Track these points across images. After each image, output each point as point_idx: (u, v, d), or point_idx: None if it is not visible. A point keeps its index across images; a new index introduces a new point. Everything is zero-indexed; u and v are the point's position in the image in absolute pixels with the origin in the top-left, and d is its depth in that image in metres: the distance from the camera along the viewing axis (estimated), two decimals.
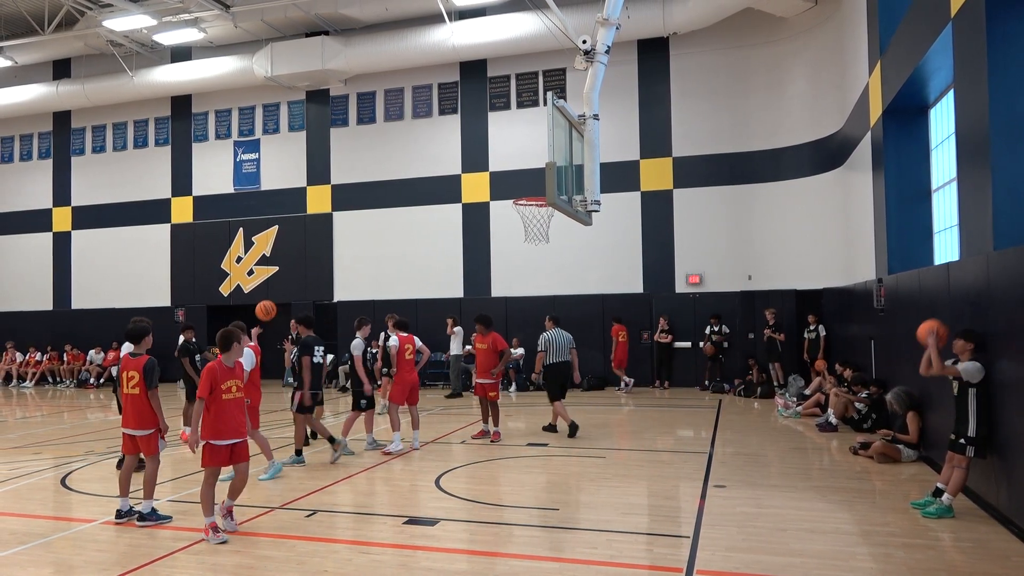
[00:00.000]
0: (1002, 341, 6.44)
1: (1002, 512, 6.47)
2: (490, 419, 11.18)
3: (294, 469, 9.17)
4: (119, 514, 6.95)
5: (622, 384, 17.43)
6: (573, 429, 11.14)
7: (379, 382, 18.69)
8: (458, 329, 17.28)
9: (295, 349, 9.97)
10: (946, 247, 10.60)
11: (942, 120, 10.68)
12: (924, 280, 9.00)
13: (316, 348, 9.55)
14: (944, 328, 6.99)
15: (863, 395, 11.13)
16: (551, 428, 11.68)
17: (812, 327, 15.56)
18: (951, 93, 9.37)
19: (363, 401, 10.21)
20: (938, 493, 6.84)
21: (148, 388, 6.93)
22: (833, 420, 11.43)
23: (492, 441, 10.89)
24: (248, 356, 8.24)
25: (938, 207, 11.05)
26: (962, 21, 7.77)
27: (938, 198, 11.01)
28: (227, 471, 6.92)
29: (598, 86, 9.35)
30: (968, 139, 7.83)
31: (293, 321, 18.77)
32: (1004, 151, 7.04)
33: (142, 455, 7.05)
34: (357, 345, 10.23)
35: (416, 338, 10.80)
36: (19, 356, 22.62)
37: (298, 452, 9.48)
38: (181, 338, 11.66)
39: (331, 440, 9.50)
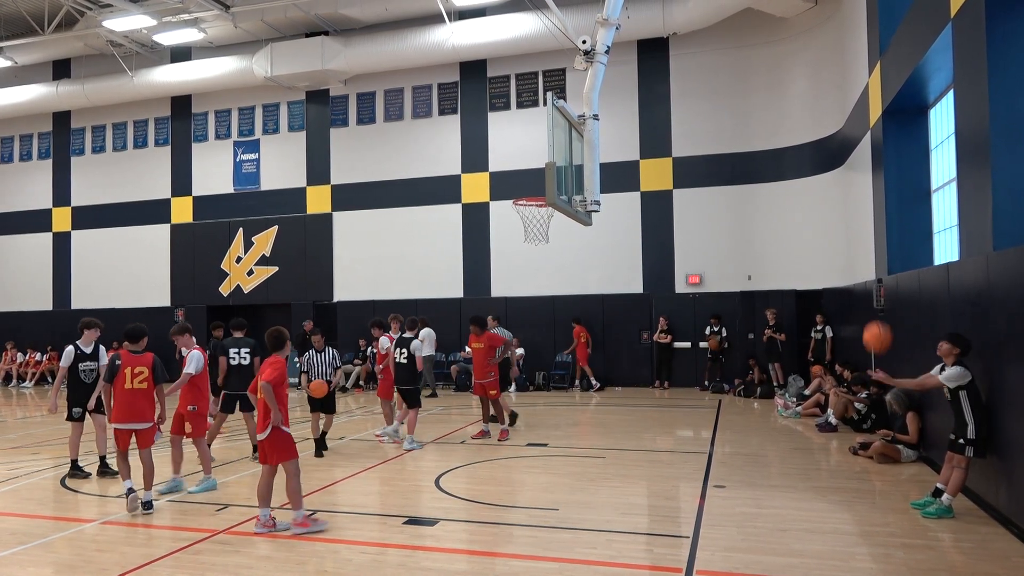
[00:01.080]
0: (1002, 341, 6.43)
1: (1002, 513, 6.47)
2: (494, 418, 11.22)
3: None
4: (130, 491, 7.15)
5: (593, 382, 17.68)
6: (513, 418, 12.04)
7: (361, 383, 18.76)
8: (426, 331, 16.70)
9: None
10: (946, 247, 10.60)
11: (942, 120, 10.68)
12: (924, 280, 8.99)
13: (232, 350, 9.52)
14: (885, 331, 7.16)
15: (863, 395, 11.13)
16: (512, 421, 12.07)
17: (819, 327, 15.47)
18: (951, 93, 9.37)
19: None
20: (938, 493, 6.83)
21: (157, 382, 7.36)
22: (833, 420, 11.43)
23: (500, 440, 10.89)
24: (195, 358, 8.19)
25: (938, 207, 11.05)
26: (962, 21, 7.77)
27: (938, 198, 11.01)
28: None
29: (598, 86, 9.35)
30: (968, 139, 7.83)
31: (310, 323, 18.84)
32: (1004, 151, 7.04)
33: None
34: (417, 346, 10.65)
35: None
36: (20, 356, 22.61)
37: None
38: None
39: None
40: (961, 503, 6.98)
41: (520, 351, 17.99)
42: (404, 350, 10.61)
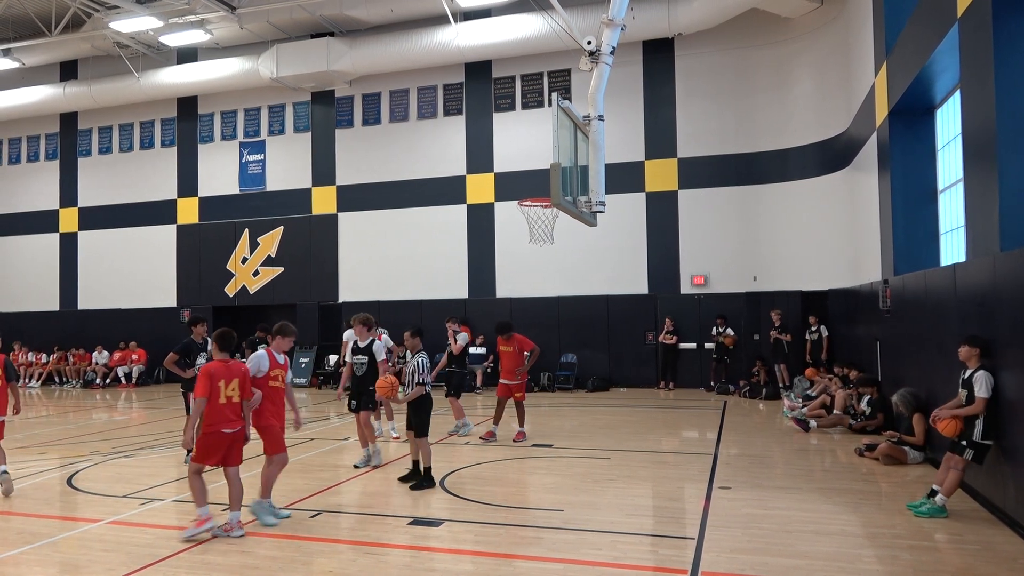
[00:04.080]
0: (1008, 342, 6.41)
1: (1009, 515, 6.44)
2: (506, 420, 11.30)
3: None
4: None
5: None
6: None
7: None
8: (383, 334, 16.33)
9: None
10: (953, 248, 10.57)
11: (948, 121, 10.65)
12: (930, 281, 8.96)
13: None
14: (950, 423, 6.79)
15: (866, 398, 11.10)
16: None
17: (813, 328, 15.53)
18: (957, 94, 9.34)
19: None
20: (934, 494, 6.80)
21: (9, 380, 8.13)
22: (813, 423, 11.54)
23: (515, 441, 10.95)
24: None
25: (944, 208, 11.01)
26: (968, 21, 7.74)
27: (944, 199, 10.97)
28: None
29: (603, 87, 9.34)
30: (975, 140, 7.80)
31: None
32: (1011, 151, 7.02)
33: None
34: (463, 337, 12.07)
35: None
36: (30, 356, 22.69)
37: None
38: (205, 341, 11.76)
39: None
40: (967, 505, 6.95)
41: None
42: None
